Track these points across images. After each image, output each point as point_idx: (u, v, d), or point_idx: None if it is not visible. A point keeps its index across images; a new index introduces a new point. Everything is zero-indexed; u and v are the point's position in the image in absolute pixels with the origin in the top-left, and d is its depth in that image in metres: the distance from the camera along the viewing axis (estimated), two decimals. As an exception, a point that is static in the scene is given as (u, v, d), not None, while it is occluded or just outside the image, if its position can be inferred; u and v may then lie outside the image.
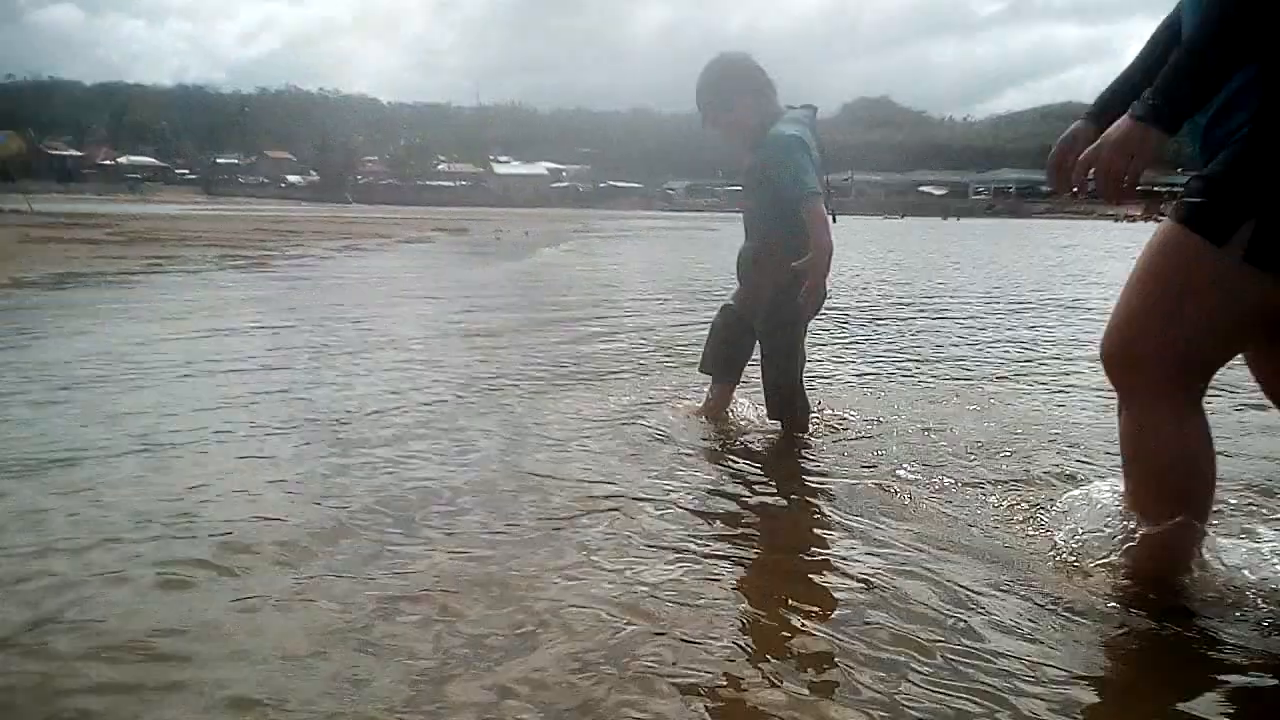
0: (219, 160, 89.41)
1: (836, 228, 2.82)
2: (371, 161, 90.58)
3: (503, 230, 22.41)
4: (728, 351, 3.22)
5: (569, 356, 4.72)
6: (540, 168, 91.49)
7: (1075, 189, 1.78)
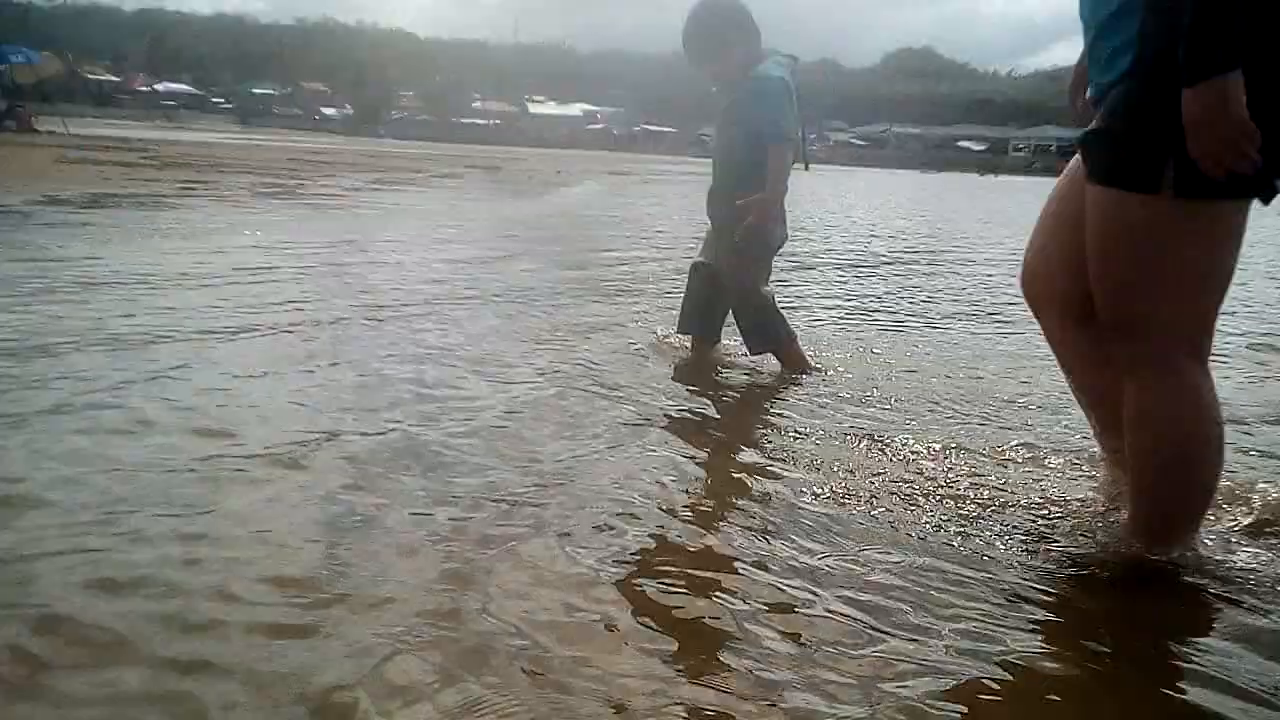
0: (255, 90, 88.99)
1: (854, 183, 2.78)
2: (406, 97, 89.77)
3: (535, 171, 22.24)
4: (705, 310, 3.23)
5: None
6: (576, 109, 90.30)
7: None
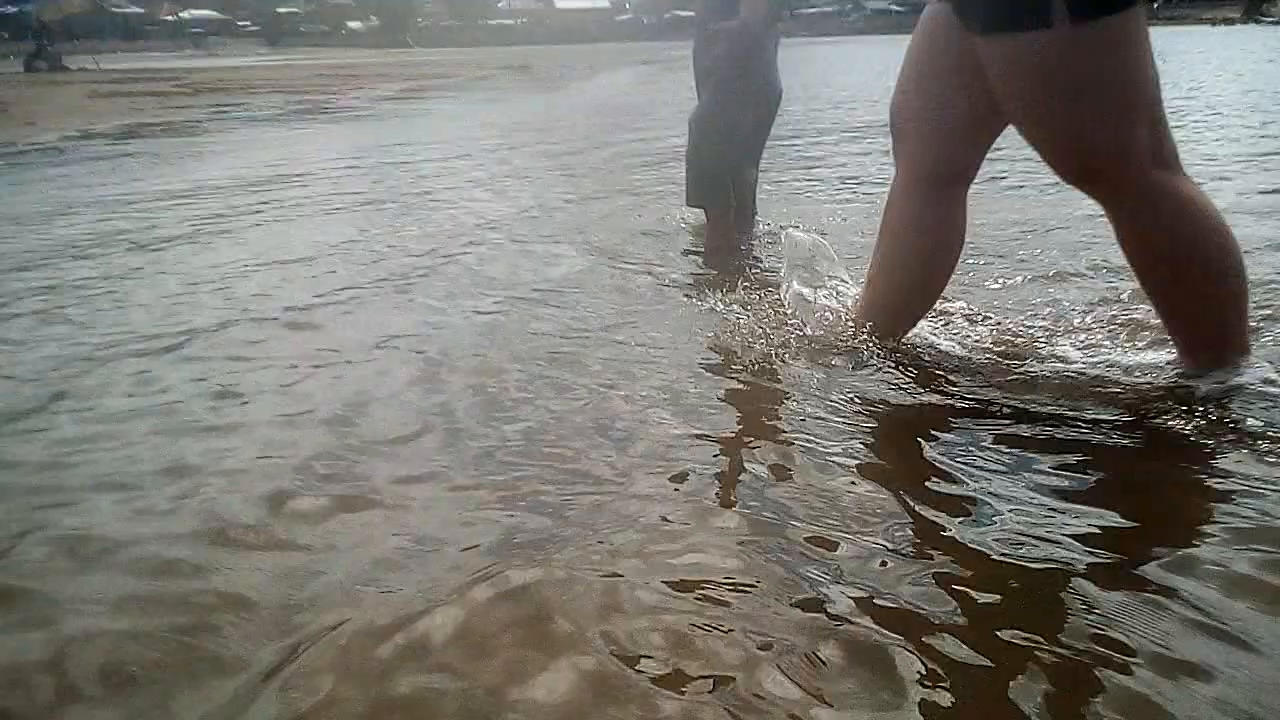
0: (279, 10, 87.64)
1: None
2: (431, 2, 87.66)
3: (566, 67, 21.65)
4: (711, 172, 3.07)
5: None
6: (603, 0, 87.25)
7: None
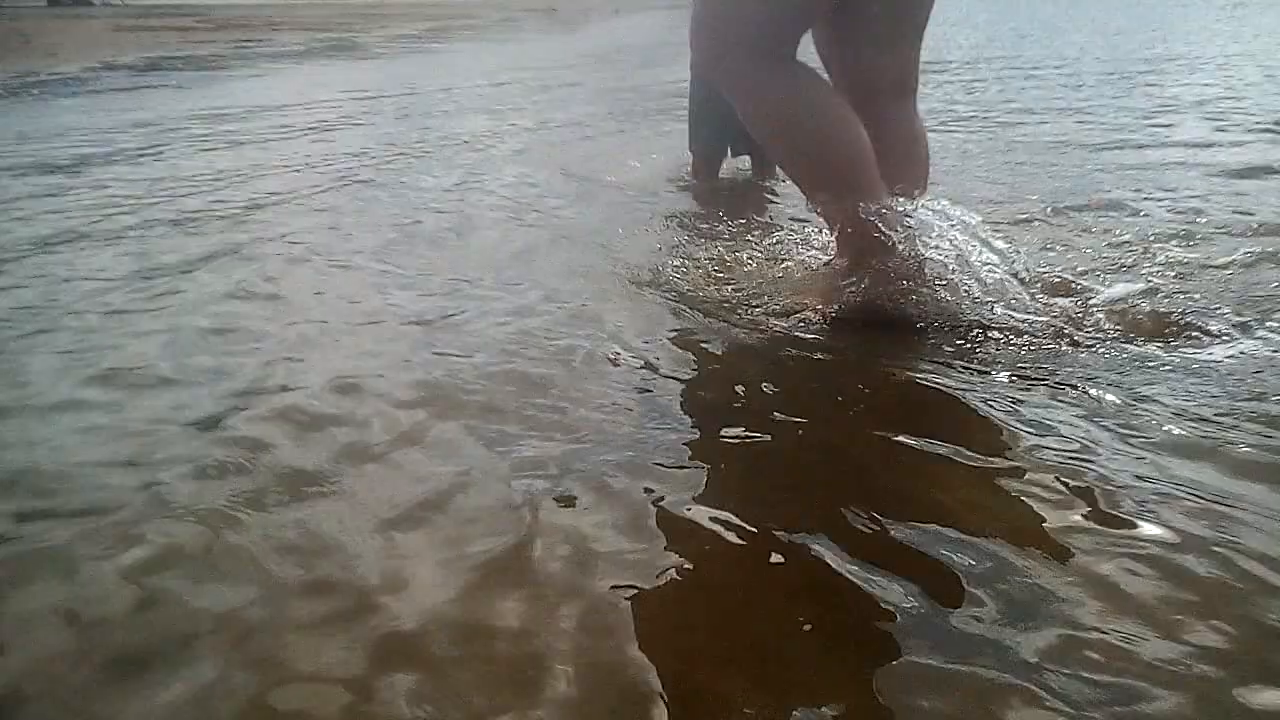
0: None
1: None
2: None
3: (591, 7, 21.29)
4: (715, 116, 2.86)
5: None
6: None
7: None
